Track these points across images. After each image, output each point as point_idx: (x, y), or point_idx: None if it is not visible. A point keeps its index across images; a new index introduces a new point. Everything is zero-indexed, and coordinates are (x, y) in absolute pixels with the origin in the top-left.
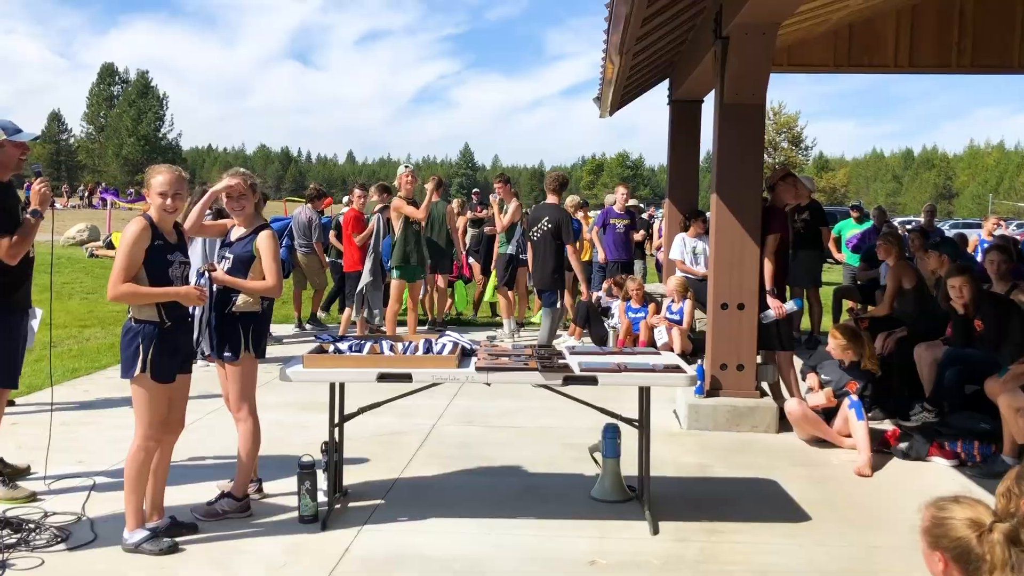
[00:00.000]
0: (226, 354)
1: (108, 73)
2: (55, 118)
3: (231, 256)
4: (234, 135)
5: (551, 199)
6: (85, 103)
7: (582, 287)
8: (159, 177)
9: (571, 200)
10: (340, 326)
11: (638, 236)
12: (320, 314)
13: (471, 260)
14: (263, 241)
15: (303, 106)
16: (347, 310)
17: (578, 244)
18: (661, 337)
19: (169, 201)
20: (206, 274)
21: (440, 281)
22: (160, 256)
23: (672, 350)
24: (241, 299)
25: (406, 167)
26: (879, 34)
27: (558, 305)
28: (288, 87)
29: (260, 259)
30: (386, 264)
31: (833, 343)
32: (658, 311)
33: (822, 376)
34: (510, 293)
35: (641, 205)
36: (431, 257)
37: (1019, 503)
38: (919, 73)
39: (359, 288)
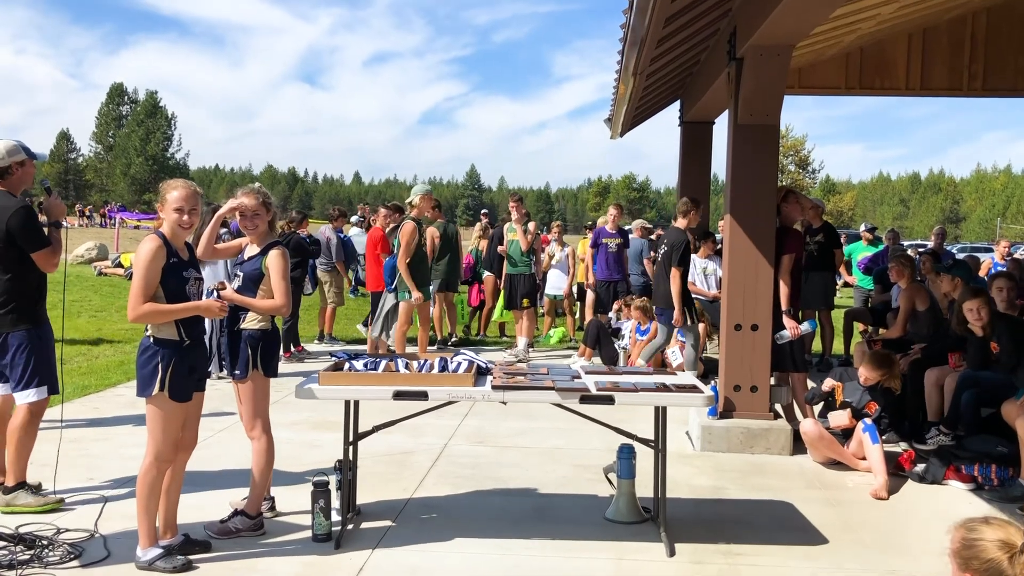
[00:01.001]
0: (236, 372)
1: (117, 93)
2: (64, 137)
3: (242, 274)
4: (241, 155)
5: (679, 222)
6: (94, 123)
7: (675, 313)
8: (175, 192)
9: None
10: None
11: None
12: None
13: (486, 274)
14: (272, 259)
15: (310, 127)
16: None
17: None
18: (676, 358)
19: (185, 217)
20: (215, 292)
21: (446, 300)
22: (176, 273)
23: (684, 371)
24: (250, 317)
25: (425, 190)
26: (890, 57)
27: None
28: (295, 108)
29: (269, 277)
30: (387, 284)
31: (872, 374)
32: None
33: (844, 397)
34: (528, 312)
35: (649, 226)
36: (444, 277)
37: None
38: (930, 96)
39: (384, 309)
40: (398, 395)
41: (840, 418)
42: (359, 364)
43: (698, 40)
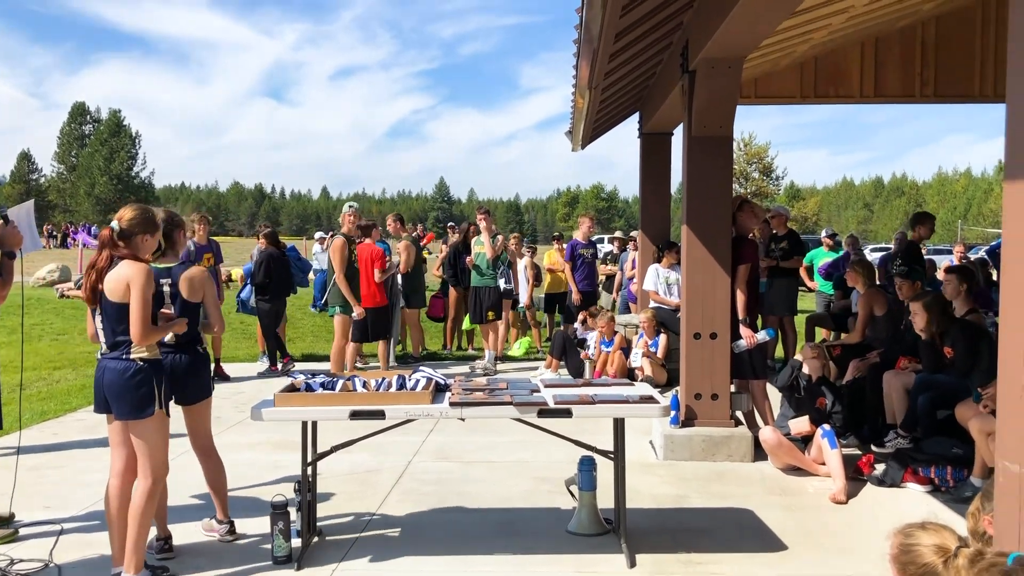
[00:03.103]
0: None
1: (79, 112)
2: (25, 158)
3: None
4: (207, 173)
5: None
6: (56, 142)
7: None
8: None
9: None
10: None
11: (609, 269)
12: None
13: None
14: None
15: (277, 143)
16: (380, 344)
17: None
18: (636, 360)
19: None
20: None
21: (413, 317)
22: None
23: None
24: None
25: (350, 207)
26: (844, 66)
27: None
28: (262, 124)
29: None
30: (317, 299)
31: (811, 356)
32: (624, 343)
33: (779, 385)
34: (498, 324)
35: (619, 234)
36: (407, 292)
37: (981, 520)
38: (884, 103)
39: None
40: (355, 415)
41: (801, 425)
42: (315, 383)
43: (652, 53)
